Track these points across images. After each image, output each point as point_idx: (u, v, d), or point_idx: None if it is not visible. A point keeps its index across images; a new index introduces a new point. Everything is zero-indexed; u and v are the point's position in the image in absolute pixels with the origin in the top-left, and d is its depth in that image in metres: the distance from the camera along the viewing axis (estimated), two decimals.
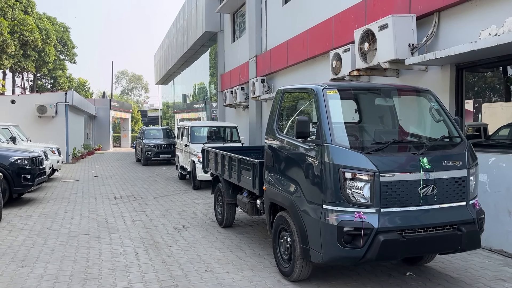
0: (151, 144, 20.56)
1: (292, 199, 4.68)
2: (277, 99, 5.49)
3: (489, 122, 6.80)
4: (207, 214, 8.83)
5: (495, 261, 5.59)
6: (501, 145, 6.31)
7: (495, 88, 6.96)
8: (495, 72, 6.75)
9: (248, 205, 6.40)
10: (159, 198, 10.94)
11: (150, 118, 58.84)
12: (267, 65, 13.87)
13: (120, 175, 16.57)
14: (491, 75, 6.90)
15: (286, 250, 4.93)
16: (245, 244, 6.49)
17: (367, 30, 7.50)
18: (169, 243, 6.61)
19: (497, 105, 6.77)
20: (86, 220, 8.33)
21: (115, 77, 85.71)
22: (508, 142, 6.28)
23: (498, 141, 6.51)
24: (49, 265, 5.51)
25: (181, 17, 26.42)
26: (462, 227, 4.23)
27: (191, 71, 29.88)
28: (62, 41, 43.30)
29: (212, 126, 14.40)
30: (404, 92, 5.23)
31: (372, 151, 4.18)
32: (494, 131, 6.69)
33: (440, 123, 4.91)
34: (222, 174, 7.37)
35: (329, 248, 4.13)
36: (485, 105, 6.90)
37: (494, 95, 7.01)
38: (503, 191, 5.85)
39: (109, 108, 36.09)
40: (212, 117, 24.89)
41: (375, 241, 3.97)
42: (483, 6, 6.22)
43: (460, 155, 4.40)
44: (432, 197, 4.16)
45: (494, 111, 6.85)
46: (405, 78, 7.72)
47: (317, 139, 4.37)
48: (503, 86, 6.61)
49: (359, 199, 4.06)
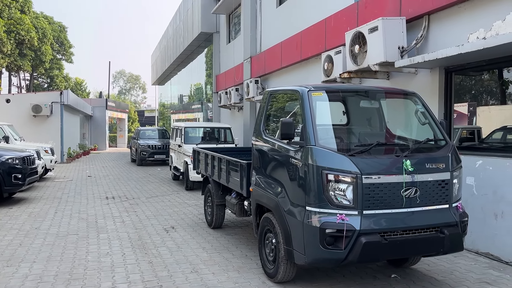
0: (146, 144, 20.55)
1: (277, 201, 4.69)
2: (264, 100, 5.49)
3: (483, 125, 6.82)
4: (198, 215, 8.83)
5: (481, 264, 5.61)
6: (488, 148, 6.33)
7: (485, 91, 6.98)
8: (485, 75, 6.77)
9: (236, 206, 6.40)
10: (151, 198, 10.92)
11: (147, 119, 58.81)
12: (261, 66, 13.88)
13: (114, 175, 16.54)
14: (481, 79, 6.92)
15: (271, 251, 4.94)
16: (233, 246, 6.49)
17: (357, 32, 7.52)
18: (157, 243, 6.60)
19: (491, 108, 6.78)
20: (76, 220, 8.31)
21: (113, 77, 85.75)
22: (496, 146, 6.31)
23: (491, 144, 6.53)
24: (35, 265, 5.49)
25: (178, 17, 26.43)
26: (445, 229, 4.24)
27: (187, 71, 29.89)
28: (59, 40, 43.22)
29: (206, 127, 14.41)
30: (391, 95, 5.24)
31: (355, 153, 4.18)
32: (487, 135, 6.70)
33: (426, 126, 4.93)
34: (212, 175, 7.37)
35: (311, 249, 4.13)
36: (480, 108, 6.91)
37: (485, 98, 7.03)
38: (490, 194, 5.87)
39: (105, 108, 36.05)
40: (209, 117, 24.89)
41: (357, 243, 3.98)
42: (471, 10, 6.24)
43: (444, 157, 4.41)
44: (415, 200, 4.17)
45: (488, 114, 6.86)
46: (396, 81, 7.74)
47: (301, 140, 4.37)
48: (498, 89, 6.62)
49: (341, 201, 4.07)
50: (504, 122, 6.55)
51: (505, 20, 5.64)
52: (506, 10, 5.64)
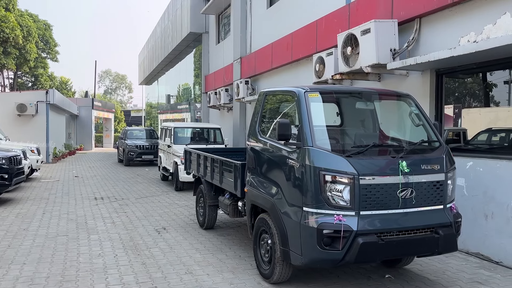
0: (133, 144, 20.37)
1: (273, 201, 4.69)
2: (259, 101, 5.50)
3: (468, 127, 6.94)
4: (189, 215, 8.78)
5: (472, 264, 5.69)
6: (479, 150, 6.44)
7: (474, 93, 7.10)
8: (474, 78, 6.89)
9: (229, 207, 6.38)
10: (140, 199, 10.83)
11: (133, 119, 58.32)
12: (252, 67, 13.88)
13: (102, 175, 16.36)
14: (470, 81, 7.04)
15: (267, 252, 4.94)
16: (226, 246, 6.47)
17: (350, 34, 7.57)
18: (149, 244, 6.55)
19: (476, 111, 6.91)
20: (65, 221, 8.19)
21: (99, 77, 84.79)
22: (486, 147, 6.41)
23: (476, 145, 6.64)
24: (25, 267, 5.40)
25: (166, 17, 26.28)
26: (440, 230, 4.29)
27: (175, 71, 29.73)
28: (44, 38, 42.54)
29: (196, 127, 14.35)
30: (385, 96, 5.29)
31: (352, 154, 4.21)
32: (473, 136, 6.82)
33: (419, 127, 4.99)
34: (204, 176, 7.34)
35: (308, 250, 4.14)
36: (464, 110, 7.03)
37: (473, 100, 7.16)
38: (480, 195, 5.96)
39: (91, 108, 35.65)
40: (197, 118, 24.81)
41: (354, 244, 4.00)
42: (462, 14, 6.33)
43: (438, 159, 4.47)
44: (411, 201, 4.22)
45: (473, 116, 6.98)
46: (387, 83, 7.81)
47: (298, 141, 4.38)
48: (482, 92, 6.74)
49: (338, 201, 4.09)
50: (489, 124, 6.68)
51: (496, 24, 5.75)
52: (497, 14, 5.74)
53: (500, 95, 6.58)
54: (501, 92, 6.52)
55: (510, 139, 6.33)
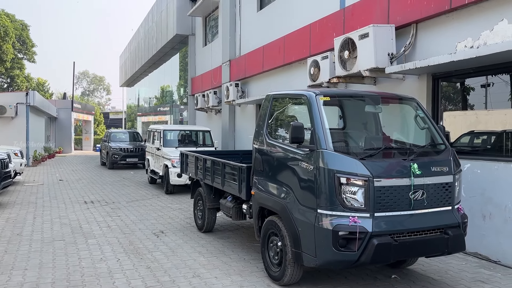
0: (117, 147, 20.11)
1: (284, 204, 4.71)
2: (266, 104, 5.51)
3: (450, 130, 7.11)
4: (184, 219, 8.72)
5: (471, 264, 5.84)
6: (476, 152, 6.61)
7: (467, 97, 7.28)
8: (467, 82, 7.07)
9: (232, 209, 6.38)
10: (131, 202, 10.69)
11: (112, 121, 57.50)
12: (241, 70, 13.90)
13: (87, 178, 16.08)
14: (447, 85, 7.22)
15: (276, 254, 4.95)
16: (229, 249, 6.46)
17: (347, 38, 7.67)
18: (150, 248, 6.48)
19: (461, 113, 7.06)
20: (58, 225, 8.02)
21: (76, 78, 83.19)
22: (483, 149, 6.59)
23: (460, 148, 6.78)
24: (28, 273, 5.27)
25: (150, 19, 26.05)
26: (449, 230, 4.40)
27: (159, 73, 29.48)
28: (21, 39, 41.58)
29: (185, 129, 14.27)
30: (391, 100, 5.39)
31: (365, 157, 4.28)
32: (456, 139, 6.98)
33: (422, 130, 5.11)
34: (204, 179, 7.31)
35: (323, 252, 4.18)
36: (446, 113, 7.19)
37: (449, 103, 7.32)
38: (478, 196, 6.13)
39: (71, 110, 34.96)
40: (180, 120, 24.66)
41: (369, 245, 4.06)
42: (459, 20, 6.51)
43: (447, 161, 4.58)
44: (422, 202, 4.31)
45: (453, 120, 7.14)
46: (383, 86, 7.95)
47: (311, 144, 4.42)
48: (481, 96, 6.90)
49: (353, 203, 4.15)
50: (469, 127, 6.87)
51: (493, 30, 5.93)
52: (494, 21, 5.92)
53: (483, 99, 6.77)
54: (482, 96, 6.72)
55: (492, 141, 6.51)
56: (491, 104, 6.56)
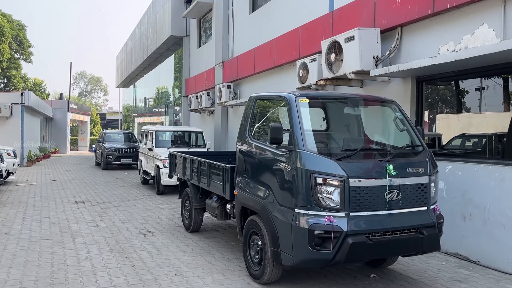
0: (112, 148, 20.16)
1: (264, 203, 4.80)
2: (249, 105, 5.60)
3: (443, 132, 7.23)
4: (173, 219, 8.79)
5: (451, 264, 5.93)
6: (457, 154, 6.71)
7: (448, 100, 7.40)
8: (451, 85, 7.18)
9: (217, 209, 6.46)
10: (122, 202, 10.76)
11: (109, 122, 57.50)
12: (234, 71, 13.99)
13: (80, 179, 16.13)
14: (444, 88, 7.33)
15: (257, 253, 5.04)
16: (214, 249, 6.53)
17: (334, 41, 7.77)
18: (136, 247, 6.55)
19: (454, 116, 7.19)
20: (47, 224, 8.09)
21: (73, 79, 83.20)
22: (463, 152, 6.70)
23: (451, 150, 6.91)
24: (12, 270, 5.34)
25: (146, 20, 26.13)
26: (424, 230, 4.49)
27: (154, 74, 29.55)
28: (18, 39, 41.63)
29: (177, 130, 14.35)
30: (371, 102, 5.48)
31: (341, 158, 4.37)
32: (447, 141, 7.10)
33: (402, 132, 5.20)
34: (191, 179, 7.39)
35: (300, 250, 4.27)
36: (439, 116, 7.31)
37: (446, 106, 7.44)
38: (459, 197, 6.22)
39: (67, 110, 35.01)
40: (175, 121, 24.73)
41: (344, 244, 4.15)
42: (441, 24, 6.62)
43: (423, 162, 4.67)
44: (397, 202, 4.40)
45: (447, 122, 7.27)
46: (369, 89, 8.05)
47: (289, 145, 4.51)
48: (456, 98, 7.03)
49: (329, 203, 4.23)
50: (462, 129, 6.98)
51: (473, 34, 6.04)
52: (475, 25, 6.03)
53: (473, 102, 6.88)
54: (474, 99, 6.82)
55: (483, 144, 6.62)
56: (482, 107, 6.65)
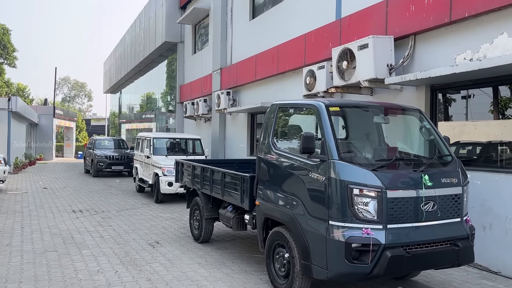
0: (103, 155, 19.75)
1: (292, 215, 4.64)
2: (271, 113, 5.44)
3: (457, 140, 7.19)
4: (178, 229, 8.56)
5: (473, 275, 5.86)
6: (476, 163, 6.66)
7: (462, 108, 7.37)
8: (466, 93, 7.16)
9: (233, 220, 6.26)
10: (121, 211, 10.46)
11: (93, 128, 56.69)
12: (233, 78, 13.84)
13: (72, 187, 15.70)
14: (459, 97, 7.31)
15: (282, 266, 4.87)
16: (229, 260, 6.34)
17: (346, 49, 7.70)
18: (147, 259, 6.31)
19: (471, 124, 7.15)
20: (48, 235, 7.77)
21: (57, 84, 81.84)
22: (482, 160, 6.65)
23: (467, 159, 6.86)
24: (23, 286, 5.07)
25: (137, 25, 25.82)
26: (459, 242, 4.39)
27: (146, 80, 29.17)
28: (2, 43, 40.70)
29: (176, 137, 14.09)
30: (397, 111, 5.38)
31: (377, 168, 4.25)
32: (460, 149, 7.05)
33: (426, 141, 5.12)
34: (201, 188, 7.18)
35: (335, 264, 4.12)
36: (454, 123, 7.27)
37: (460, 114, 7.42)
38: (478, 207, 6.16)
39: (53, 116, 34.30)
40: (165, 127, 24.43)
41: (382, 257, 4.02)
42: (457, 32, 6.60)
43: (455, 172, 4.59)
44: (433, 213, 4.30)
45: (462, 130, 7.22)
46: (380, 97, 7.99)
47: (322, 154, 4.37)
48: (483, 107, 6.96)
49: (366, 215, 4.10)
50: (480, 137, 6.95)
51: (493, 43, 6.02)
52: (494, 34, 6.01)
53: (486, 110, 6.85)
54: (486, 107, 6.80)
55: (491, 152, 6.59)
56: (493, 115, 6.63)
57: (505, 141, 6.25)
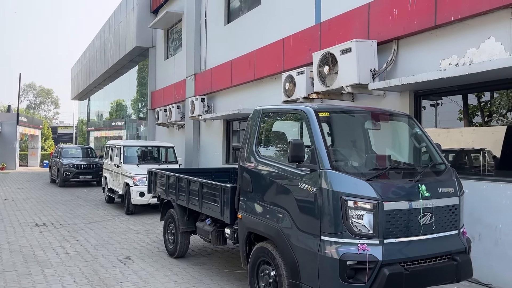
0: (70, 163, 18.83)
1: (279, 228, 4.26)
2: (254, 120, 5.06)
3: None
4: (151, 242, 8.03)
5: (463, 287, 5.62)
6: (463, 171, 6.47)
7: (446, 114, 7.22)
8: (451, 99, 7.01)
9: (212, 234, 5.83)
10: (89, 224, 9.82)
11: (60, 135, 54.87)
12: (208, 84, 13.42)
13: (36, 198, 14.82)
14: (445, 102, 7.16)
15: (268, 285, 4.47)
16: (207, 278, 5.89)
17: (327, 53, 7.43)
18: (118, 278, 5.79)
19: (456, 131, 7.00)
20: (7, 252, 7.11)
21: (21, 90, 78.98)
22: (469, 168, 6.48)
23: None
24: None
25: (107, 30, 25.04)
26: (457, 256, 4.12)
27: (115, 86, 28.31)
28: None
29: (147, 145, 13.50)
30: (388, 117, 5.09)
31: (372, 177, 3.93)
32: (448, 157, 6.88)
33: (413, 148, 4.88)
34: (177, 199, 6.72)
35: (328, 283, 3.76)
36: (440, 130, 7.11)
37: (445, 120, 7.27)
38: (467, 216, 5.89)
39: (16, 123, 32.80)
40: (136, 135, 23.71)
41: (380, 275, 3.68)
42: (443, 37, 6.43)
43: (451, 182, 4.33)
44: (431, 226, 4.01)
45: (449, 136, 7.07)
46: (362, 103, 7.75)
47: (312, 163, 4.02)
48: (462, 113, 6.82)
49: (361, 229, 3.77)
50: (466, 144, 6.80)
51: (479, 47, 5.87)
52: (480, 38, 5.87)
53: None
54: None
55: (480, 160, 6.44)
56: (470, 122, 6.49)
57: (484, 149, 6.10)
